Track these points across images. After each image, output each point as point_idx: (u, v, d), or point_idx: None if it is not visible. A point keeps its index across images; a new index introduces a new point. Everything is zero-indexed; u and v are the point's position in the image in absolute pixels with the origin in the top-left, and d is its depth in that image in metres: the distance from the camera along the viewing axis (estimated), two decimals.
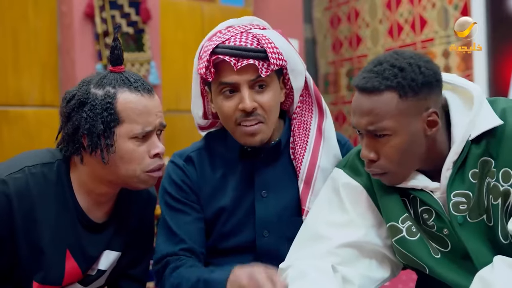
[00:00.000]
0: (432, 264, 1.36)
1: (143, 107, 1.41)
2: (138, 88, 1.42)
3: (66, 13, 3.92)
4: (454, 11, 4.29)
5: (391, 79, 1.29)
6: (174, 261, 1.53)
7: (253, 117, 1.49)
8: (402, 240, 1.38)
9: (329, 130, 1.62)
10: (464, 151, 1.33)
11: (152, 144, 1.44)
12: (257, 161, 1.58)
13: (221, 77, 1.50)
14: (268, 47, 1.48)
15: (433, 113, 1.31)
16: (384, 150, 1.32)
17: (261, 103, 1.50)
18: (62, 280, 1.48)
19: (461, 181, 1.34)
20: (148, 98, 1.43)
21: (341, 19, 5.32)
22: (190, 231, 1.56)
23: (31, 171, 1.43)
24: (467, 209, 1.33)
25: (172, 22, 4.47)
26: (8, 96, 3.79)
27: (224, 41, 1.49)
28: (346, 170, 1.48)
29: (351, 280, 1.37)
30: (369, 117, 1.31)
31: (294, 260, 1.41)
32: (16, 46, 3.83)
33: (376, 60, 1.35)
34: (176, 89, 4.43)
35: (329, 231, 1.42)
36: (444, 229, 1.35)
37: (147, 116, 1.42)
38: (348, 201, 1.44)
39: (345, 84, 5.26)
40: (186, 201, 1.58)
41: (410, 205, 1.40)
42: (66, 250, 1.47)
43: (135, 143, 1.42)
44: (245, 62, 1.46)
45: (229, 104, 1.50)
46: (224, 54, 1.47)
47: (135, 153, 1.42)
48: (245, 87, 1.48)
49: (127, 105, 1.40)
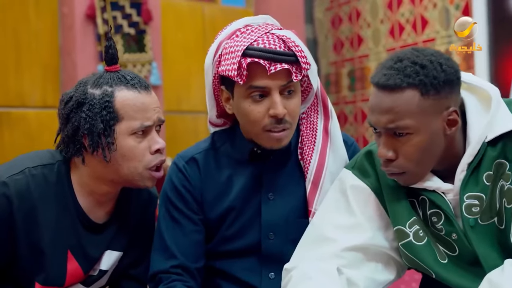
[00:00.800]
0: (439, 270, 1.34)
1: (141, 103, 1.42)
2: (135, 85, 1.43)
3: (67, 14, 3.92)
4: (455, 11, 4.28)
5: (413, 77, 1.26)
6: (165, 280, 1.51)
7: (282, 125, 1.46)
8: (408, 244, 1.36)
9: (335, 131, 1.61)
10: (479, 153, 1.30)
11: (152, 140, 1.45)
12: (266, 163, 1.56)
13: (252, 80, 1.44)
14: (296, 50, 1.44)
15: (453, 112, 1.29)
16: (404, 149, 1.29)
17: (289, 109, 1.46)
18: (64, 281, 1.48)
19: (475, 183, 1.31)
20: (145, 95, 1.44)
21: (342, 20, 5.31)
22: (184, 246, 1.54)
23: (31, 172, 1.43)
24: (479, 212, 1.30)
25: (173, 23, 4.47)
26: (9, 97, 3.79)
27: (252, 43, 1.44)
28: (355, 172, 1.45)
29: (356, 282, 1.35)
30: (389, 115, 1.27)
31: (299, 261, 1.40)
32: (17, 48, 3.83)
33: (395, 56, 1.31)
34: (177, 90, 4.43)
35: (335, 234, 1.40)
36: (453, 233, 1.32)
37: (145, 111, 1.43)
38: (355, 203, 1.42)
39: (347, 84, 5.26)
40: (185, 210, 1.56)
41: (419, 207, 1.38)
42: (68, 251, 1.47)
43: (135, 139, 1.42)
44: (278, 67, 1.42)
45: (259, 109, 1.45)
46: (257, 57, 1.42)
47: (136, 149, 1.43)
48: (276, 92, 1.44)
49: (125, 102, 1.41)
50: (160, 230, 1.57)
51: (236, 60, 1.43)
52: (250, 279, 1.55)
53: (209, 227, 1.58)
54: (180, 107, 4.45)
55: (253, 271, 1.55)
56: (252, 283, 1.55)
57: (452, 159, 1.33)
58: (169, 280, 1.51)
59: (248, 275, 1.55)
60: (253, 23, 1.52)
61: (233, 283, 1.56)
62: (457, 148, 1.33)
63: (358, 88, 5.13)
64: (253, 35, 1.46)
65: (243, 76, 1.43)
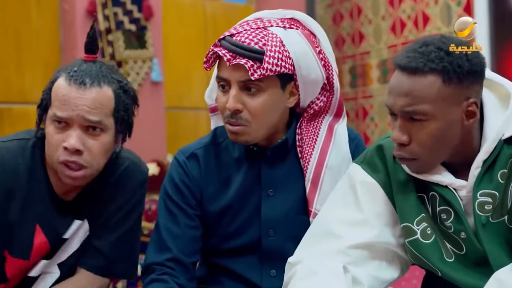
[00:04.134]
0: (444, 268, 1.32)
1: (63, 95, 1.42)
2: (71, 77, 1.43)
3: (68, 11, 3.92)
4: (457, 7, 4.28)
5: (437, 62, 1.23)
6: (157, 271, 1.51)
7: (234, 120, 1.45)
8: (415, 242, 1.35)
9: (342, 131, 1.59)
10: (495, 150, 1.29)
11: (68, 136, 1.41)
12: (264, 159, 1.56)
13: (218, 70, 1.48)
14: (271, 49, 1.41)
15: (473, 103, 1.26)
16: (418, 135, 1.27)
17: (249, 107, 1.44)
18: (30, 254, 1.48)
19: (489, 180, 1.29)
20: (74, 89, 1.41)
21: (344, 16, 5.31)
22: (179, 239, 1.53)
23: (5, 144, 1.48)
24: (492, 209, 1.28)
25: (174, 19, 4.47)
26: (11, 93, 3.80)
27: (233, 35, 1.46)
28: (364, 166, 1.43)
29: (361, 281, 1.33)
30: (408, 99, 1.25)
31: (304, 256, 1.38)
32: (18, 44, 3.84)
33: (421, 41, 1.28)
34: (178, 86, 4.43)
35: (341, 229, 1.38)
36: (462, 232, 1.30)
37: (64, 103, 1.41)
38: (364, 199, 1.40)
39: (348, 81, 5.25)
40: (183, 205, 1.56)
41: (428, 203, 1.36)
42: (36, 224, 1.48)
43: (54, 129, 1.43)
44: (237, 60, 1.41)
45: (222, 99, 1.48)
46: (224, 48, 1.44)
47: (52, 139, 1.43)
48: (234, 86, 1.44)
49: (55, 89, 1.44)
50: (157, 223, 1.58)
51: (211, 47, 1.47)
52: (252, 276, 1.55)
53: (207, 223, 1.58)
54: (181, 104, 4.45)
55: (254, 268, 1.55)
56: (254, 280, 1.55)
57: (467, 154, 1.31)
58: (161, 272, 1.51)
59: (249, 273, 1.55)
60: (265, 18, 1.53)
61: (236, 280, 1.56)
62: (473, 144, 1.31)
63: (359, 85, 5.13)
64: (240, 28, 1.47)
65: (210, 64, 1.49)
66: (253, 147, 1.54)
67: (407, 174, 1.37)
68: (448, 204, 1.32)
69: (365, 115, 5.08)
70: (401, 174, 1.38)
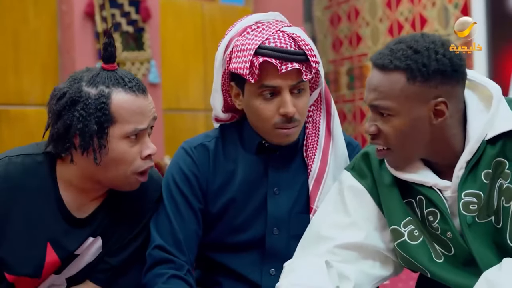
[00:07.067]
0: (434, 269, 1.34)
1: (137, 107, 1.39)
2: (133, 88, 1.40)
3: (66, 12, 3.92)
4: (454, 9, 4.29)
5: (402, 60, 1.26)
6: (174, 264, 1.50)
7: (291, 123, 1.48)
8: (403, 244, 1.37)
9: (337, 129, 1.62)
10: (479, 151, 1.30)
11: (144, 145, 1.42)
12: (272, 157, 1.57)
13: (263, 79, 1.45)
14: (306, 49, 1.45)
15: (441, 103, 1.28)
16: (384, 128, 1.32)
17: (299, 107, 1.48)
18: (41, 272, 1.45)
19: (473, 181, 1.31)
20: (142, 98, 1.41)
21: (341, 18, 5.32)
22: (183, 233, 1.52)
23: (11, 160, 1.41)
24: (477, 210, 1.30)
25: (172, 21, 4.47)
26: (8, 95, 3.80)
27: (264, 41, 1.45)
28: (353, 173, 1.47)
29: (347, 276, 1.36)
30: (375, 93, 1.30)
31: (295, 259, 1.42)
32: (16, 46, 3.84)
33: (398, 38, 1.33)
34: (176, 88, 4.44)
35: (330, 232, 1.41)
36: (448, 232, 1.32)
37: (141, 116, 1.40)
38: (351, 204, 1.43)
39: (345, 82, 5.26)
40: (188, 196, 1.55)
41: (417, 207, 1.38)
42: (47, 243, 1.44)
43: (128, 143, 1.40)
44: (290, 66, 1.43)
45: (269, 107, 1.47)
46: (269, 56, 1.43)
47: (127, 154, 1.40)
48: (286, 92, 1.46)
49: (122, 105, 1.38)
50: (159, 212, 1.56)
51: (248, 58, 1.44)
52: (251, 274, 1.55)
53: (210, 217, 1.57)
54: (179, 105, 4.45)
55: (254, 266, 1.56)
56: (252, 278, 1.55)
57: (449, 155, 1.33)
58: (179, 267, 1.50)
59: (248, 270, 1.56)
60: (263, 20, 1.53)
61: (233, 278, 1.57)
62: (454, 143, 1.33)
63: (357, 87, 5.14)
64: (265, 33, 1.47)
65: (255, 75, 1.44)
66: (265, 143, 1.55)
67: (392, 178, 1.40)
68: (434, 205, 1.34)
69: (362, 117, 5.09)
70: (387, 178, 1.41)
